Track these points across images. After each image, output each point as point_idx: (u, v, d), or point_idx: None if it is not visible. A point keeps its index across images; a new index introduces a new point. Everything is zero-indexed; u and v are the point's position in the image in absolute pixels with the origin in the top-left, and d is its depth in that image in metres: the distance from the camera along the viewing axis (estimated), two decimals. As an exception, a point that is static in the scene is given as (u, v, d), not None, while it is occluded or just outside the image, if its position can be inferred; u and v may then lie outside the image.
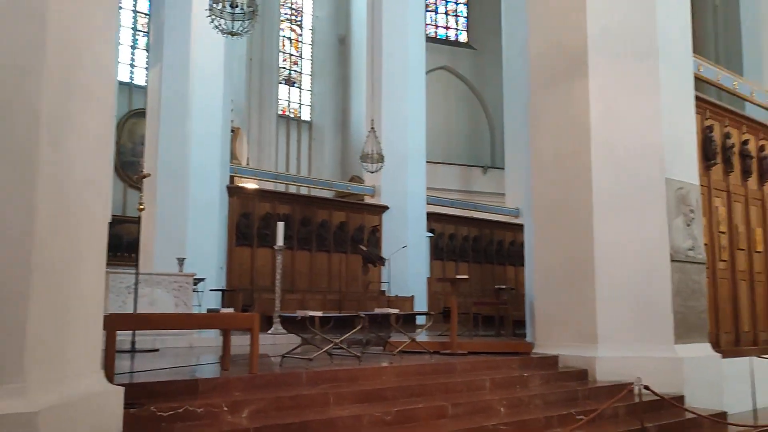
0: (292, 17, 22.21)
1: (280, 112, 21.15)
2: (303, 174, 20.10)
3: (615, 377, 6.34)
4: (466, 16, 25.18)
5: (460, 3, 25.29)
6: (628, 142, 6.91)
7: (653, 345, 6.58)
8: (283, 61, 21.69)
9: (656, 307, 6.69)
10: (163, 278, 8.39)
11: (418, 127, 15.66)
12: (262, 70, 20.41)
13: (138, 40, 19.21)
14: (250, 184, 14.37)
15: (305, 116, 21.95)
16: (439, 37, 24.41)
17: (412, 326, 10.62)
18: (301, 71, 22.19)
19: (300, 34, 22.30)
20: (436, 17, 24.73)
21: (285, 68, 21.78)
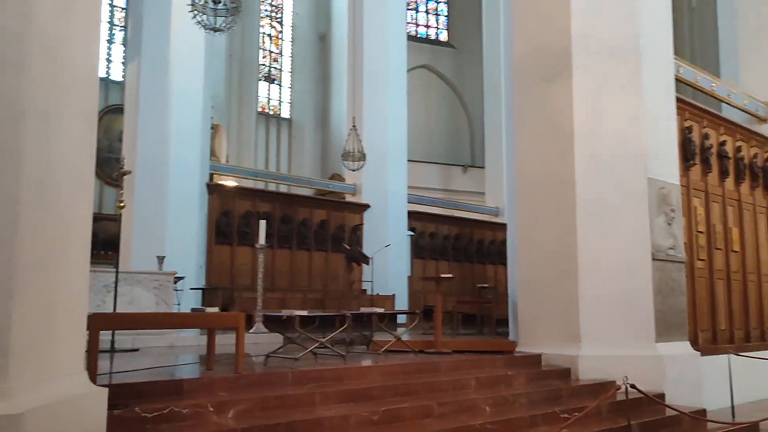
0: (273, 14, 22.06)
1: (260, 109, 21.00)
2: (283, 172, 19.98)
3: (597, 375, 6.41)
4: (447, 15, 25.23)
5: (441, 2, 25.32)
6: (611, 142, 6.95)
7: (635, 343, 6.65)
8: (263, 57, 21.53)
9: (638, 306, 6.76)
10: (144, 277, 8.26)
11: (400, 126, 15.66)
12: (242, 67, 20.25)
13: (115, 34, 18.94)
14: (230, 182, 14.24)
15: (285, 113, 21.83)
16: (420, 36, 24.41)
17: (394, 325, 10.61)
18: (281, 68, 22.04)
19: (280, 31, 22.15)
20: (417, 16, 24.73)
21: (265, 65, 21.62)
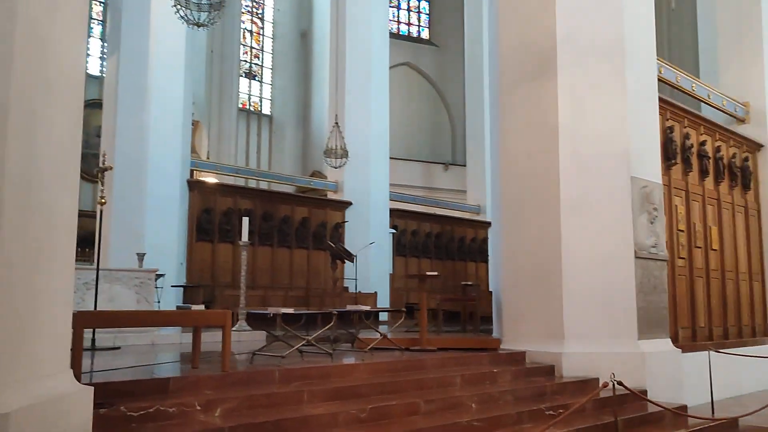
0: (254, 10, 21.90)
1: (241, 106, 20.85)
2: (263, 168, 19.86)
3: (581, 373, 6.47)
4: (429, 13, 25.24)
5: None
6: (595, 141, 6.99)
7: (618, 340, 6.71)
8: (244, 54, 21.38)
9: (621, 303, 6.81)
10: (123, 274, 8.14)
11: (382, 123, 15.63)
12: (222, 63, 20.10)
13: (93, 28, 18.66)
14: (211, 179, 14.12)
15: (266, 110, 21.69)
16: (402, 34, 24.40)
17: (376, 322, 10.61)
18: (262, 65, 21.90)
19: (261, 27, 22.00)
20: (399, 13, 24.71)
21: (246, 61, 21.47)
